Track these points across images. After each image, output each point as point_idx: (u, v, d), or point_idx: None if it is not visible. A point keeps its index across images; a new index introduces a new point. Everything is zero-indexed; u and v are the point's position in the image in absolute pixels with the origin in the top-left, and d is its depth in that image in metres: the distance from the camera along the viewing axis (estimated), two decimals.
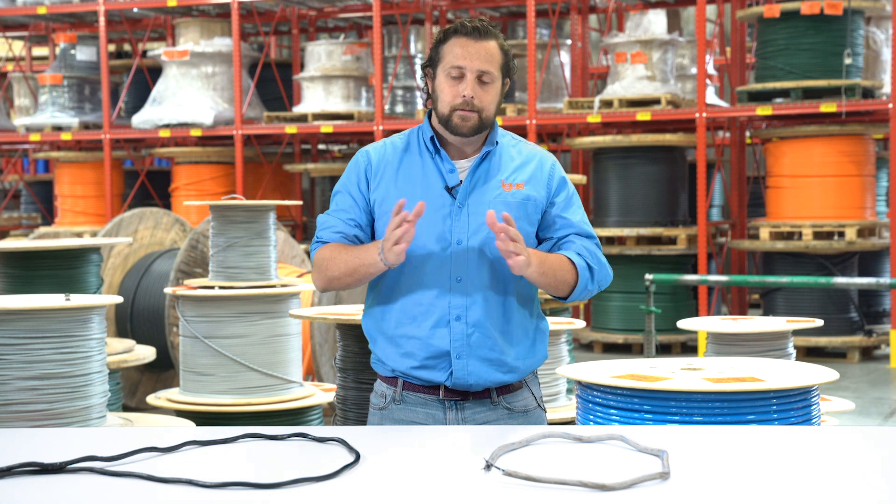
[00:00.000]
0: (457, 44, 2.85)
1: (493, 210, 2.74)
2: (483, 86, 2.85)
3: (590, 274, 2.90)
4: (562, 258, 2.88)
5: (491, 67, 2.85)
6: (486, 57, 2.84)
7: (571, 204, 2.97)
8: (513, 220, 2.72)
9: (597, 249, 2.95)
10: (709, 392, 3.16)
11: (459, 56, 2.84)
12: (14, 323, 3.92)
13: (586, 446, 2.47)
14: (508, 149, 2.97)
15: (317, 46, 12.48)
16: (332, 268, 2.88)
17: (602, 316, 11.30)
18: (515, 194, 2.89)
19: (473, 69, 2.83)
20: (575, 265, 2.88)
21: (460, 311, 2.85)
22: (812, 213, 10.64)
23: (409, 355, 2.89)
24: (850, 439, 2.60)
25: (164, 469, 2.28)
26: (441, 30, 2.92)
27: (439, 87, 2.88)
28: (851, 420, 7.51)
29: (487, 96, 2.86)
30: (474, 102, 2.84)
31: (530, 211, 2.90)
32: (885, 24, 11.62)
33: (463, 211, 2.86)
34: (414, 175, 2.90)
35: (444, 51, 2.87)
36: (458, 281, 2.84)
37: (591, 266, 2.90)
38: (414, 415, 2.92)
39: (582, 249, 2.91)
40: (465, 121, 2.84)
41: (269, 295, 5.70)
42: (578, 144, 11.43)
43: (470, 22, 2.87)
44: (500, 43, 2.89)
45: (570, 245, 2.92)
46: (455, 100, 2.84)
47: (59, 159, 13.76)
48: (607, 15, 13.13)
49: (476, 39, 2.84)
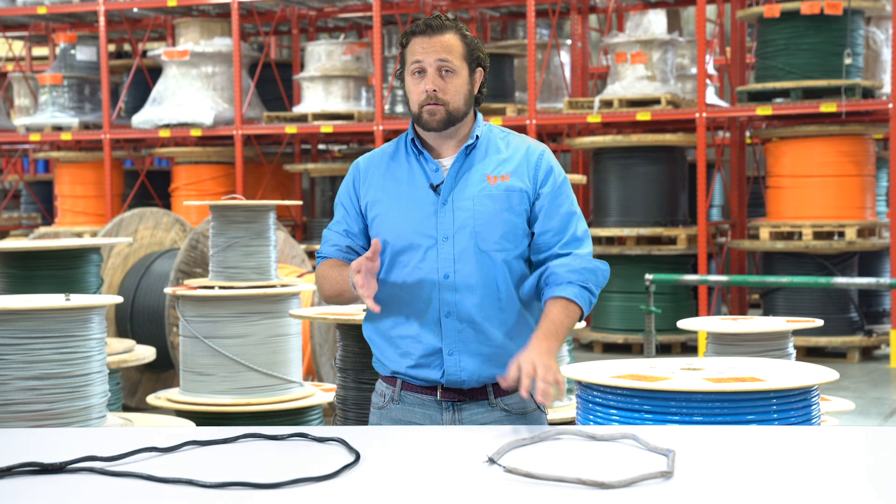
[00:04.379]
0: (416, 43, 2.89)
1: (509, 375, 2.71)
2: (445, 77, 2.87)
3: (590, 294, 2.86)
4: (560, 308, 2.82)
5: (450, 57, 2.86)
6: (444, 48, 2.86)
7: (559, 194, 2.92)
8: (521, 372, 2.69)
9: (583, 256, 2.89)
10: (709, 392, 3.16)
11: (418, 52, 2.88)
12: (14, 323, 3.92)
13: (596, 445, 2.47)
14: (496, 142, 2.97)
15: (317, 46, 12.48)
16: (324, 287, 2.98)
17: (602, 316, 11.30)
18: (500, 186, 2.89)
19: (432, 62, 2.86)
20: (575, 301, 2.83)
21: (451, 307, 2.86)
22: (812, 213, 10.64)
23: (406, 355, 2.90)
24: (850, 439, 2.60)
25: (164, 469, 2.28)
26: (402, 33, 2.96)
27: (407, 88, 2.93)
28: (851, 420, 7.51)
29: (451, 87, 2.87)
30: (438, 95, 2.86)
31: (515, 202, 2.89)
32: (885, 24, 11.62)
33: (447, 207, 2.87)
34: (400, 176, 2.94)
35: (406, 53, 2.92)
36: (447, 277, 2.85)
37: (587, 286, 2.85)
38: (411, 415, 2.93)
39: (570, 276, 2.85)
40: (432, 115, 2.86)
41: (269, 295, 5.70)
42: (578, 144, 11.43)
43: (426, 19, 2.91)
44: (460, 34, 2.90)
45: (555, 278, 2.86)
46: (420, 96, 2.88)
47: (59, 159, 13.76)
48: (607, 15, 13.13)
49: (431, 35, 2.88)
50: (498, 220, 2.86)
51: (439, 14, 2.95)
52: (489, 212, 2.86)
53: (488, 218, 2.86)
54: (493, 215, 2.86)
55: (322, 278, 2.98)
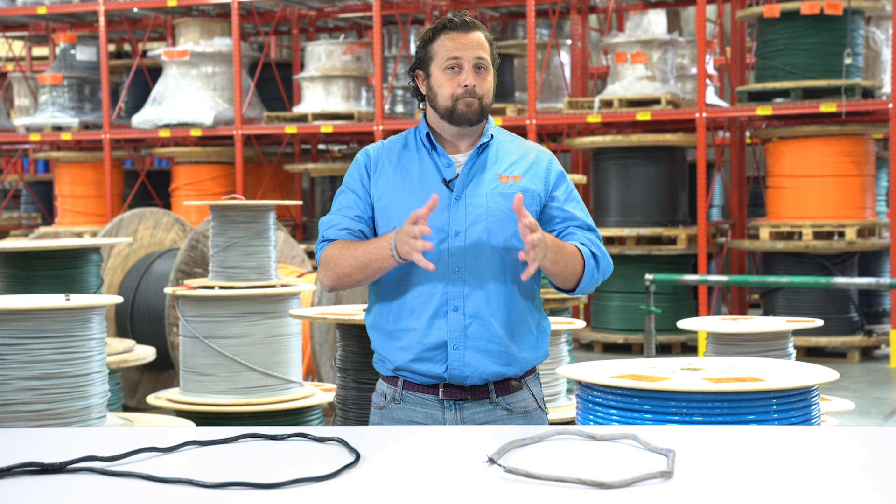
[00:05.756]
0: (447, 38, 2.91)
1: (522, 195, 2.72)
2: (480, 73, 2.91)
3: (595, 262, 2.92)
4: (572, 247, 2.90)
5: (484, 54, 2.92)
6: (479, 46, 2.92)
7: (572, 198, 3.00)
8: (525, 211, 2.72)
9: (598, 241, 2.98)
10: (709, 392, 3.16)
11: (453, 49, 2.90)
12: (14, 323, 3.92)
13: (597, 446, 2.47)
14: (506, 144, 3.01)
15: (317, 46, 12.48)
16: (341, 264, 2.87)
17: (602, 316, 11.30)
18: (513, 186, 2.92)
19: (470, 58, 2.90)
20: (582, 254, 2.90)
21: (458, 301, 2.86)
22: (812, 213, 10.64)
23: (407, 348, 2.90)
24: (850, 439, 2.60)
25: (164, 469, 2.28)
26: (427, 29, 2.98)
27: (437, 82, 2.93)
28: (851, 420, 7.51)
29: (486, 83, 2.92)
30: (475, 90, 2.90)
31: (527, 203, 2.91)
32: (885, 24, 11.62)
33: (460, 203, 2.89)
34: (412, 170, 2.94)
35: (434, 48, 2.93)
36: (456, 272, 2.86)
37: (595, 254, 2.93)
38: (413, 414, 2.93)
39: (585, 240, 2.94)
40: (469, 107, 2.90)
41: (269, 295, 5.70)
42: (578, 144, 11.43)
43: (456, 16, 2.95)
44: (485, 34, 2.96)
45: (573, 236, 2.95)
46: (456, 90, 2.89)
47: (59, 159, 13.76)
48: (607, 15, 13.13)
49: (466, 32, 2.92)
50: (511, 218, 2.87)
51: (465, 11, 3.01)
52: (502, 210, 2.88)
53: (501, 216, 2.88)
54: (507, 213, 2.88)
55: (337, 256, 2.88)
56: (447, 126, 2.95)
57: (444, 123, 2.95)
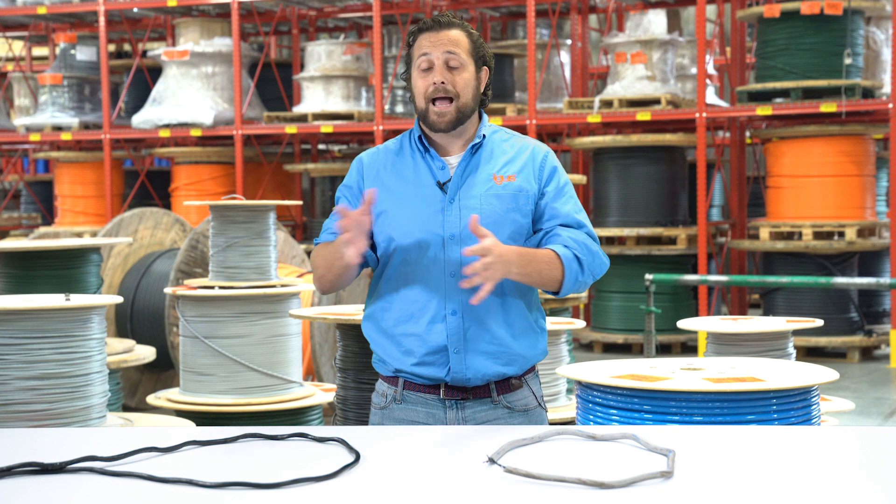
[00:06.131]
0: (422, 38, 2.91)
1: (478, 215, 2.73)
2: (453, 70, 2.88)
3: (579, 265, 2.85)
4: (548, 253, 2.83)
5: (457, 50, 2.88)
6: (451, 42, 2.88)
7: (562, 194, 2.94)
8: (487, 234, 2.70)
9: (588, 238, 2.90)
10: (709, 392, 3.16)
11: (425, 47, 2.89)
12: (14, 323, 3.91)
13: (597, 446, 2.47)
14: (501, 143, 2.98)
15: (317, 46, 12.48)
16: (318, 266, 2.95)
17: (602, 316, 11.30)
18: (507, 186, 2.89)
19: (439, 55, 2.87)
20: (561, 259, 2.84)
21: (456, 305, 2.85)
22: (812, 213, 10.64)
23: (409, 353, 2.89)
24: (850, 439, 2.60)
25: (164, 469, 2.28)
26: (408, 32, 2.97)
27: (413, 83, 2.93)
28: (851, 420, 7.51)
29: (459, 80, 2.88)
30: (446, 87, 2.86)
31: (522, 203, 2.90)
32: (885, 24, 11.62)
33: (454, 205, 2.87)
34: (405, 173, 2.93)
35: (413, 51, 2.93)
36: (453, 275, 2.85)
37: (580, 257, 2.85)
38: (415, 414, 2.93)
39: (568, 241, 2.86)
40: (440, 116, 2.87)
41: (269, 295, 5.70)
42: (578, 144, 11.43)
43: (432, 17, 2.93)
44: (466, 31, 2.93)
45: (556, 238, 2.88)
46: (428, 89, 2.88)
47: (59, 159, 13.76)
48: (607, 15, 13.13)
49: (438, 30, 2.90)
50: (505, 219, 2.86)
51: (447, 13, 2.98)
52: (497, 211, 2.87)
53: (496, 217, 2.86)
54: (501, 215, 2.86)
55: (316, 259, 2.97)
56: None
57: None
